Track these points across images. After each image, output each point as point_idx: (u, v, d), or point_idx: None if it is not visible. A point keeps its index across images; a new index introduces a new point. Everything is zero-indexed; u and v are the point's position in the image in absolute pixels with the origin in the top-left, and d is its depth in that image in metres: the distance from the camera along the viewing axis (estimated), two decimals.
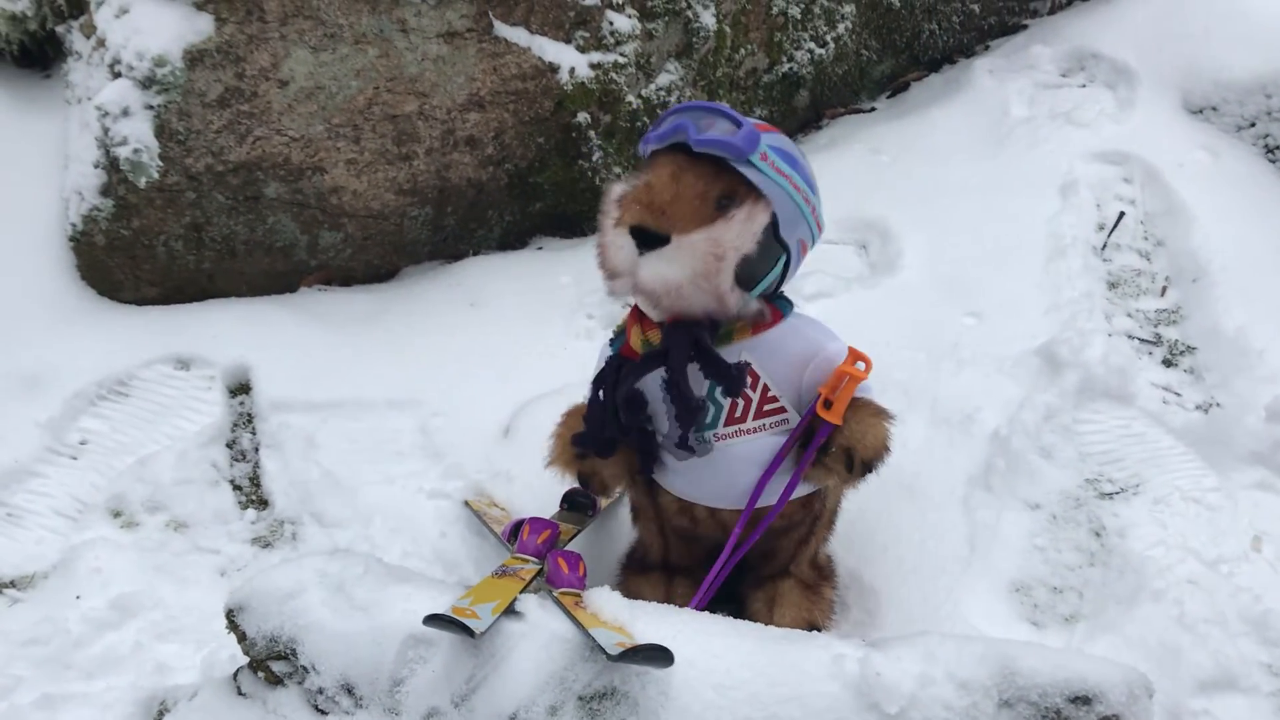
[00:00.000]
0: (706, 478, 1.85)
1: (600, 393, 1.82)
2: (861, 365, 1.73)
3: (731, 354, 1.76)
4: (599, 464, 1.87)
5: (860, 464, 1.75)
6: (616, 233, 1.69)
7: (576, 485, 1.93)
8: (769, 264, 1.72)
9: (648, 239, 1.64)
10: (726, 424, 1.81)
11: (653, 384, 1.79)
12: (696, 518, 1.92)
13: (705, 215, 1.65)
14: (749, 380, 1.78)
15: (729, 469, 1.83)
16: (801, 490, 1.84)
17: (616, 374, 1.80)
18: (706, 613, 1.70)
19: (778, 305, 1.81)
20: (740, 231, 1.65)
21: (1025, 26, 3.95)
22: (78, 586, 2.10)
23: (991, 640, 1.62)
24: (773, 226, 1.69)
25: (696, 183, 1.66)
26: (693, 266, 1.63)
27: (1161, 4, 3.54)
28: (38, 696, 1.88)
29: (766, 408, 1.81)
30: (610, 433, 1.81)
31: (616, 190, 1.74)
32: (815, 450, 1.76)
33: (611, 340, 1.90)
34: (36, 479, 2.35)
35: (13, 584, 2.15)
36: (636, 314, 1.83)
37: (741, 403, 1.80)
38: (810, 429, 1.77)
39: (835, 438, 1.74)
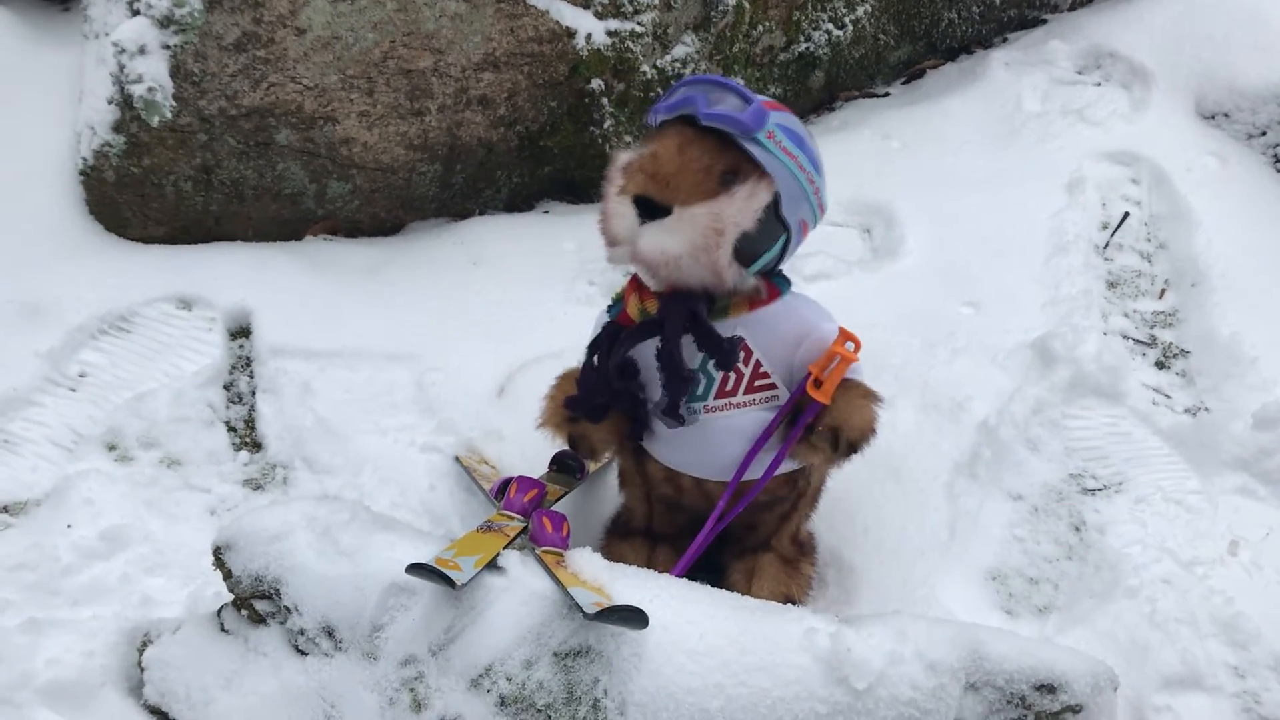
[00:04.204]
0: (694, 448, 1.88)
1: (595, 358, 1.84)
2: (851, 346, 1.75)
3: (727, 329, 1.78)
4: (589, 428, 1.88)
5: (846, 444, 1.77)
6: (619, 200, 1.70)
7: (566, 447, 1.95)
8: (769, 242, 1.73)
9: (650, 209, 1.66)
10: (717, 397, 1.83)
11: (646, 352, 1.80)
12: (682, 487, 1.94)
13: (708, 189, 1.65)
14: (742, 355, 1.80)
15: (717, 441, 1.85)
16: (786, 467, 1.86)
17: (612, 341, 1.82)
18: (684, 580, 1.72)
19: (775, 283, 1.83)
20: (741, 208, 1.65)
21: (1044, 21, 3.94)
22: (69, 516, 2.13)
23: (962, 624, 1.65)
24: (774, 205, 1.70)
25: (702, 156, 1.67)
26: (691, 239, 1.64)
27: (1181, 6, 3.53)
28: (24, 620, 1.91)
29: (757, 383, 1.83)
30: (602, 398, 1.84)
31: (623, 158, 1.75)
32: (802, 428, 1.78)
33: (609, 307, 1.92)
34: (34, 408, 2.38)
35: (5, 509, 2.18)
36: (636, 283, 1.85)
37: (733, 377, 1.82)
38: (798, 407, 1.79)
39: (823, 417, 1.76)
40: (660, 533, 2.09)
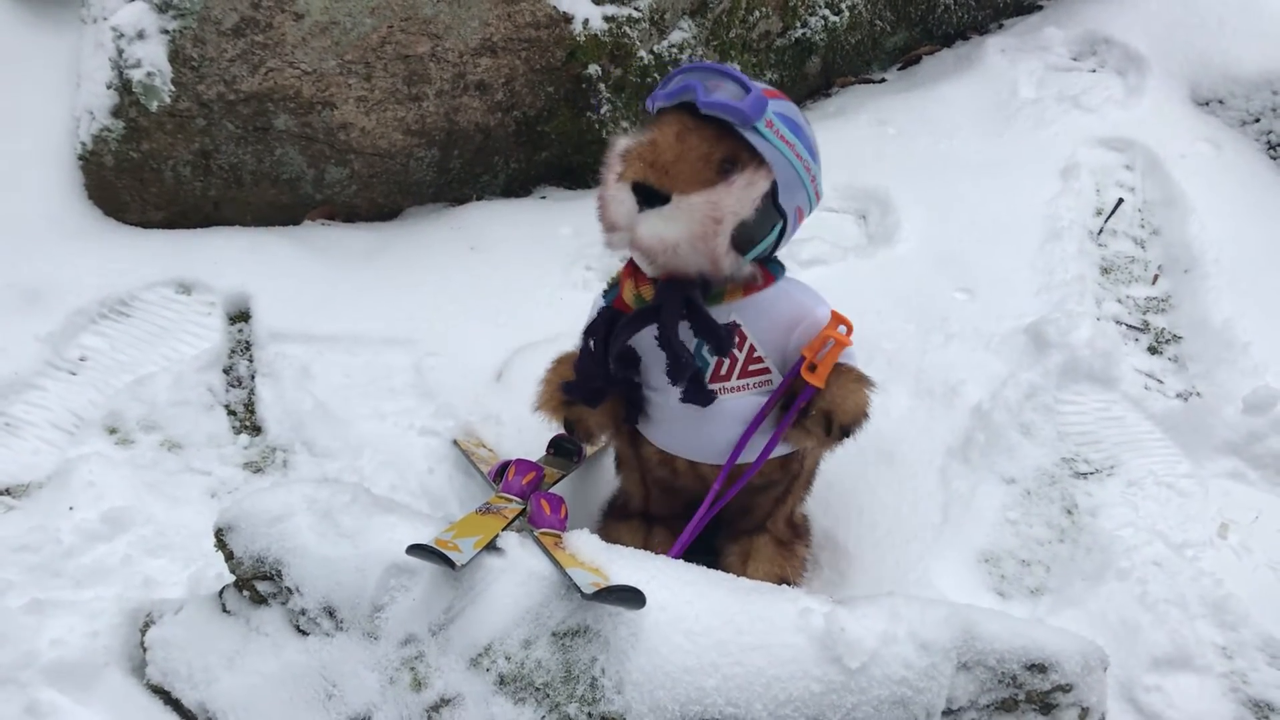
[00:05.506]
0: (689, 432, 1.89)
1: (591, 343, 1.85)
2: (844, 329, 1.76)
3: (722, 314, 1.79)
4: (585, 412, 1.90)
5: (839, 428, 1.79)
6: (618, 187, 1.70)
7: (563, 430, 1.97)
8: (766, 229, 1.74)
9: (648, 196, 1.66)
10: (711, 381, 1.84)
11: (645, 339, 1.81)
12: (677, 470, 1.96)
13: (707, 177, 1.66)
14: (736, 340, 1.82)
15: (712, 424, 1.86)
16: (780, 450, 1.87)
17: (609, 326, 1.83)
18: (681, 561, 1.74)
19: (770, 268, 1.84)
20: (740, 197, 1.66)
21: (1040, 7, 3.95)
22: (71, 498, 2.14)
23: (955, 605, 1.66)
24: (772, 193, 1.71)
25: (700, 144, 1.67)
26: (690, 228, 1.65)
27: None
28: (27, 601, 1.93)
29: (751, 368, 1.84)
30: (599, 383, 1.85)
31: (621, 144, 1.74)
32: (796, 413, 1.80)
33: (605, 292, 1.93)
34: (35, 391, 2.39)
35: (8, 492, 2.19)
36: (631, 268, 1.85)
37: (728, 361, 1.83)
38: (792, 391, 1.81)
39: (816, 401, 1.77)
40: (657, 515, 2.10)
